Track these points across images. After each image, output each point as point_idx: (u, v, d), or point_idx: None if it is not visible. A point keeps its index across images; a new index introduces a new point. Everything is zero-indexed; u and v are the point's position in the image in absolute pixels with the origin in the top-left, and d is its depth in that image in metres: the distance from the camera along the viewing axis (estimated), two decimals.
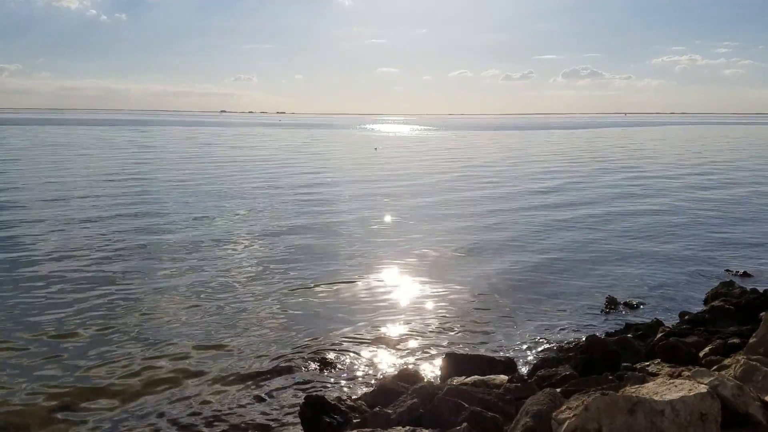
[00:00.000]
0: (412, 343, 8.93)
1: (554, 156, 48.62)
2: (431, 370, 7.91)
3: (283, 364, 8.13)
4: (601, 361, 6.82)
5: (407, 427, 4.77)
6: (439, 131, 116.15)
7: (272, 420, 6.67)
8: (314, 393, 6.60)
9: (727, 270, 13.04)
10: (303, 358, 8.34)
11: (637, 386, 4.29)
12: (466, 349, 8.64)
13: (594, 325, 9.72)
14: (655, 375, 5.79)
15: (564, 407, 4.15)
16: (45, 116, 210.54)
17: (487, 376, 6.58)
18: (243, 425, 6.54)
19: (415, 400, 5.52)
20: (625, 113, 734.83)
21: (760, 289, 10.06)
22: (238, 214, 19.37)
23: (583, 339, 8.20)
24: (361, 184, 28.17)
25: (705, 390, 3.93)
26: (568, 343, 8.88)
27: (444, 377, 7.21)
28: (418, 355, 8.53)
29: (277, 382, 7.62)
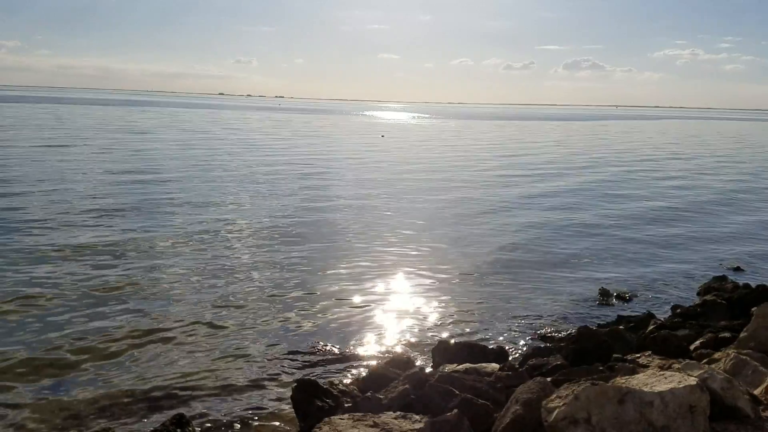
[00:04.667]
0: (405, 331, 8.96)
1: (544, 147, 48.60)
2: (423, 357, 7.95)
3: (276, 349, 8.15)
4: (592, 352, 6.85)
5: (398, 413, 4.79)
6: (444, 120, 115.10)
7: (264, 402, 6.70)
8: (306, 377, 6.63)
9: (720, 264, 13.11)
10: (296, 342, 8.36)
11: (627, 377, 4.32)
12: (459, 337, 8.68)
13: (586, 317, 9.76)
14: (645, 367, 5.82)
15: (554, 396, 4.17)
16: (48, 94, 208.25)
17: (479, 364, 6.60)
18: (235, 407, 6.57)
19: (407, 386, 5.55)
20: (617, 106, 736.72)
21: (752, 284, 10.11)
22: (250, 198, 19.34)
23: (575, 330, 8.24)
24: (361, 180, 28.11)
25: (695, 382, 3.95)
26: (559, 333, 8.94)
27: (436, 364, 7.24)
28: (411, 342, 8.56)
29: (270, 365, 7.64)
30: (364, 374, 6.92)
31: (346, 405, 5.54)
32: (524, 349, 8.21)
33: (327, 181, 24.26)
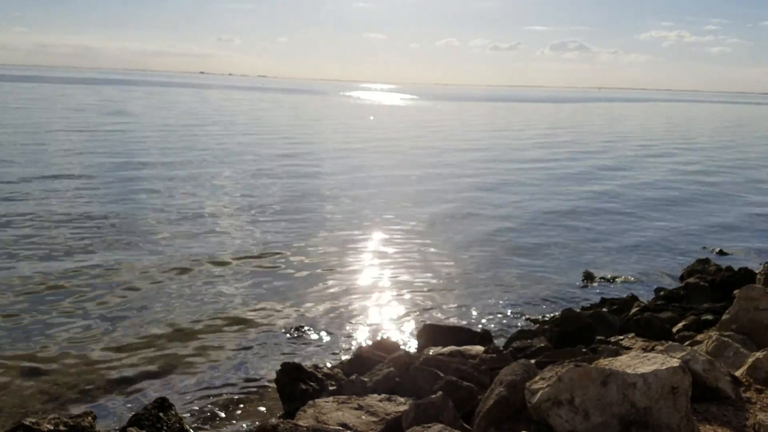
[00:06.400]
0: (390, 314, 8.96)
1: (536, 129, 48.69)
2: (408, 340, 7.96)
3: (261, 332, 8.12)
4: (575, 334, 6.88)
5: (383, 395, 4.78)
6: (438, 102, 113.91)
7: (249, 386, 6.68)
8: (291, 360, 6.60)
9: (704, 247, 13.22)
10: (281, 326, 8.33)
11: (610, 359, 4.33)
12: (444, 320, 8.70)
13: (570, 299, 9.82)
14: (628, 349, 5.85)
15: (538, 378, 4.17)
16: (25, 72, 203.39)
17: (464, 347, 6.61)
18: (219, 390, 6.54)
19: (392, 369, 5.54)
20: (599, 88, 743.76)
21: (735, 267, 10.21)
22: (244, 180, 19.20)
23: (559, 312, 8.28)
24: (349, 168, 27.99)
25: (677, 364, 3.96)
26: (543, 315, 8.98)
27: (421, 347, 7.24)
28: (396, 325, 8.57)
29: (255, 349, 7.61)
30: (349, 357, 6.90)
31: (330, 388, 5.53)
32: (509, 331, 8.24)
33: (322, 168, 24.14)
